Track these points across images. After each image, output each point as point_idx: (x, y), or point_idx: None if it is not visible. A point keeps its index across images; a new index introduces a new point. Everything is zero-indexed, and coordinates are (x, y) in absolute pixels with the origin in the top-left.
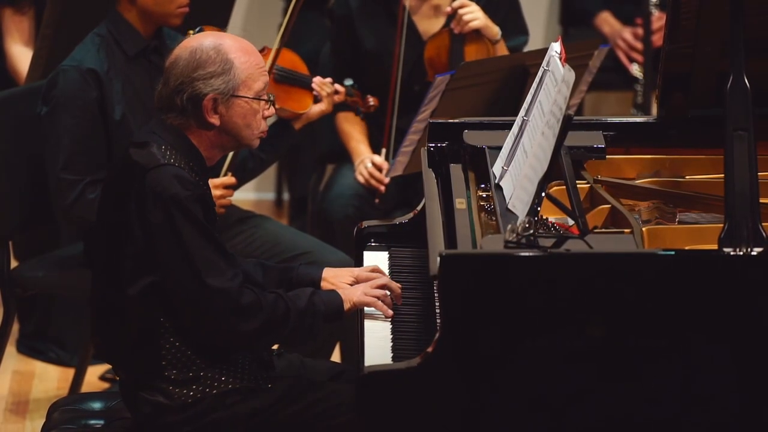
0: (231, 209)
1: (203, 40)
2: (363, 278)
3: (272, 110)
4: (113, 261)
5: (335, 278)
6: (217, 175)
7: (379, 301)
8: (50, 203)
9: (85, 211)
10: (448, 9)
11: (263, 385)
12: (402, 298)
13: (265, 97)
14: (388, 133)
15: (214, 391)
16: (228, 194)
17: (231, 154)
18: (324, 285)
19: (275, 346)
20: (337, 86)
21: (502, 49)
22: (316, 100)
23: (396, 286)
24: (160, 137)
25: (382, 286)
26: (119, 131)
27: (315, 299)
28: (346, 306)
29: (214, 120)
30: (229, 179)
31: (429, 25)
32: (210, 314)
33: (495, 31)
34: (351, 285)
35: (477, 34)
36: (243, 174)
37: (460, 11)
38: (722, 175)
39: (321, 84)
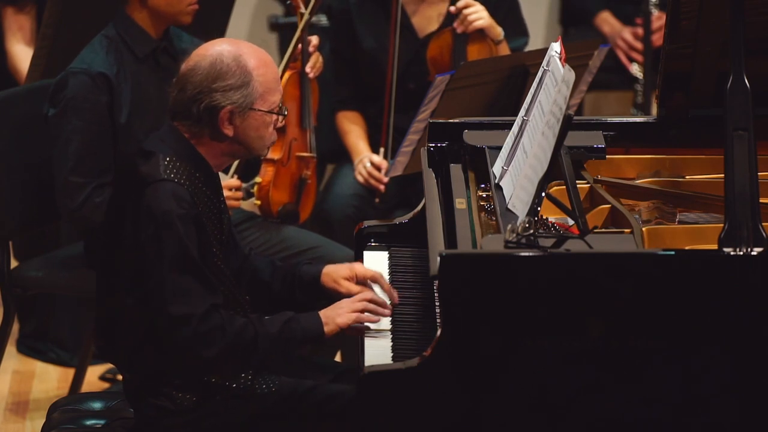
0: (236, 212)
1: (222, 49)
2: (361, 273)
3: (284, 121)
4: (116, 266)
5: (335, 273)
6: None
7: (364, 314)
8: (50, 203)
9: (92, 213)
10: (453, 8)
11: (266, 389)
12: (402, 298)
13: (278, 111)
14: (386, 131)
15: (218, 397)
16: (236, 196)
17: None
18: (324, 279)
19: None
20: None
21: (504, 50)
22: None
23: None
24: (167, 146)
25: (368, 300)
26: (123, 133)
27: (292, 325)
28: (328, 328)
29: (228, 131)
30: (235, 182)
31: (425, 24)
32: (171, 339)
33: (498, 31)
34: (348, 279)
35: (480, 34)
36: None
37: (465, 11)
38: (722, 175)
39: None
